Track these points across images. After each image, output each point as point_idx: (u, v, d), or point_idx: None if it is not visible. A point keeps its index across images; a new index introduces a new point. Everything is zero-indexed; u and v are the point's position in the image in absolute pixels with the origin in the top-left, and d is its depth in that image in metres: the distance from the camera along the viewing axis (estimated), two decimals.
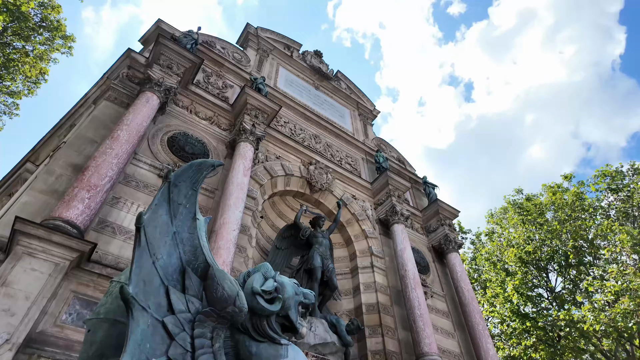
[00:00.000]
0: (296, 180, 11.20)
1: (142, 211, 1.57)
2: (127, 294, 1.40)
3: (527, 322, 14.19)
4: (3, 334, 4.12)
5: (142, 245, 1.54)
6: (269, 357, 1.88)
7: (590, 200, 15.43)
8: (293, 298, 2.14)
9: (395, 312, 9.82)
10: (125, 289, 1.41)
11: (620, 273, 11.12)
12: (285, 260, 9.93)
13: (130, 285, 1.45)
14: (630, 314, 10.34)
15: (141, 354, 1.36)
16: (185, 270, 1.69)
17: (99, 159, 6.63)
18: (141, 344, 1.38)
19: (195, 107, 10.19)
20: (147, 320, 1.45)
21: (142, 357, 1.35)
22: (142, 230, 1.55)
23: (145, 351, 1.37)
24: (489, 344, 10.10)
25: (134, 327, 1.41)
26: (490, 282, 16.82)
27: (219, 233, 7.30)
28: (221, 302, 1.67)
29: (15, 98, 17.07)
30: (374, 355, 8.88)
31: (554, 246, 15.16)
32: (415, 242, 12.67)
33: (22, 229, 4.91)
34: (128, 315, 1.41)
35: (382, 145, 16.42)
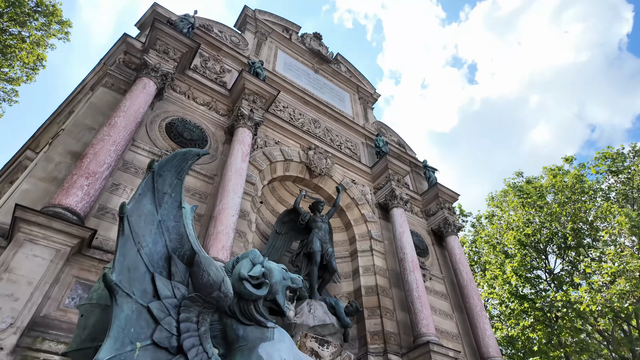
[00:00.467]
0: (295, 166, 11.23)
1: (124, 201, 1.61)
2: (110, 281, 1.46)
3: (525, 303, 14.40)
4: (7, 318, 4.24)
5: (125, 234, 1.59)
6: (255, 339, 1.95)
7: (590, 183, 15.40)
8: (280, 283, 2.19)
9: (393, 294, 9.99)
10: (108, 276, 1.46)
11: (618, 255, 11.21)
12: (285, 244, 10.05)
13: (113, 272, 1.50)
14: (627, 295, 10.48)
15: (125, 338, 1.42)
16: (171, 258, 1.74)
17: (96, 146, 6.67)
18: (125, 329, 1.44)
19: (192, 93, 10.14)
20: (131, 306, 1.50)
21: (125, 341, 1.41)
22: (126, 219, 1.59)
23: (129, 335, 1.43)
24: (486, 325, 10.28)
25: (118, 312, 1.46)
26: (489, 265, 16.99)
27: (218, 218, 7.39)
28: (207, 288, 1.73)
29: (14, 85, 17.01)
30: (373, 335, 9.07)
31: (553, 229, 15.24)
32: (414, 226, 12.76)
33: (23, 216, 4.99)
34: (112, 301, 1.47)
35: (382, 129, 16.34)
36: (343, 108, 15.39)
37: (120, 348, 1.39)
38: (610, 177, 14.73)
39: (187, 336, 1.60)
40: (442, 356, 8.24)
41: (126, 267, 1.54)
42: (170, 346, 1.55)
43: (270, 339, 1.97)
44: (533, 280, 15.43)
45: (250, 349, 1.89)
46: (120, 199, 7.07)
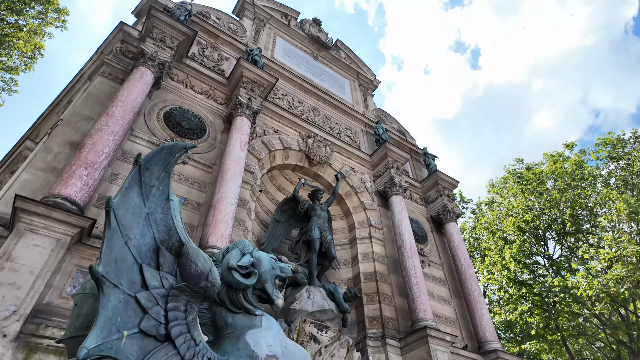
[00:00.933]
0: (295, 154, 11.24)
1: (110, 195, 1.65)
2: (97, 273, 1.51)
3: (524, 288, 14.56)
4: (10, 306, 4.35)
5: (112, 227, 1.63)
6: (244, 326, 2.02)
7: (590, 169, 15.36)
8: (270, 272, 2.25)
9: (392, 280, 10.11)
10: (94, 268, 1.51)
11: (615, 241, 11.28)
12: (285, 232, 10.14)
13: (100, 265, 1.55)
14: (623, 280, 10.58)
15: (112, 326, 1.48)
16: (159, 249, 1.79)
17: (95, 136, 6.70)
18: (112, 318, 1.50)
19: (190, 81, 10.11)
20: (118, 296, 1.56)
21: (112, 330, 1.47)
22: (112, 213, 1.64)
23: (116, 324, 1.49)
24: (483, 310, 10.43)
25: (105, 302, 1.52)
26: (488, 251, 17.11)
27: (217, 207, 7.46)
28: (194, 278, 1.78)
29: (13, 74, 16.95)
30: (371, 321, 9.23)
31: (552, 215, 15.28)
32: (413, 213, 12.82)
33: (23, 206, 5.06)
34: (99, 292, 1.52)
35: (382, 116, 16.27)
36: (343, 95, 15.30)
37: (107, 336, 1.45)
38: (610, 163, 14.68)
39: (175, 324, 1.67)
40: (439, 340, 8.39)
41: (113, 259, 1.60)
42: (158, 334, 1.61)
43: (258, 326, 2.04)
44: (531, 266, 15.57)
45: (238, 336, 1.96)
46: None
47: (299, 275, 8.78)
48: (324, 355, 7.41)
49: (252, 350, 1.87)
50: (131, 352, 1.48)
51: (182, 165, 8.34)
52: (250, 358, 1.84)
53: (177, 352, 1.62)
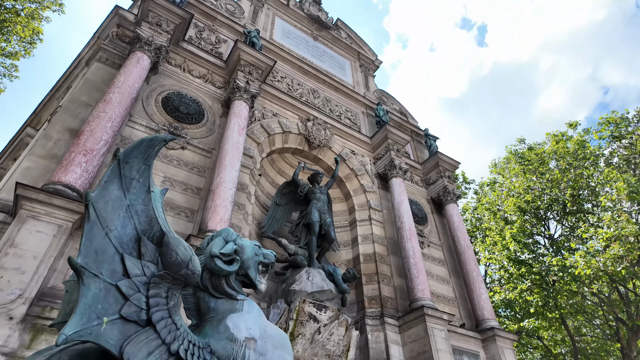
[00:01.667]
0: (294, 137, 11.25)
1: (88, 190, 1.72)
2: (76, 264, 1.60)
3: (523, 268, 14.71)
4: (16, 290, 4.53)
5: (91, 219, 1.71)
6: (225, 311, 2.12)
7: (593, 149, 15.20)
8: (253, 259, 2.34)
9: (391, 261, 10.27)
10: (72, 260, 1.60)
11: (614, 220, 11.29)
12: (285, 215, 10.27)
13: (79, 256, 1.64)
14: (620, 259, 10.65)
15: (92, 314, 1.57)
16: (140, 239, 1.87)
17: (93, 123, 6.76)
18: (92, 306, 1.59)
19: (188, 65, 10.06)
20: (99, 285, 1.65)
21: (92, 317, 1.56)
22: (91, 206, 1.71)
23: (96, 311, 1.59)
24: (481, 289, 10.60)
25: (85, 291, 1.61)
26: (489, 231, 17.21)
27: (216, 192, 7.55)
28: (175, 266, 1.87)
29: (13, 59, 16.93)
30: (370, 300, 9.45)
31: (553, 195, 15.27)
32: (414, 195, 12.88)
33: (24, 194, 5.18)
34: (79, 282, 1.61)
35: (383, 97, 16.12)
36: (343, 77, 15.14)
37: (86, 323, 1.54)
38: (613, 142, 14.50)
39: (156, 310, 1.76)
40: (436, 319, 8.58)
41: (93, 250, 1.68)
42: (139, 319, 1.71)
43: (239, 310, 2.14)
44: (531, 245, 15.67)
45: (219, 320, 2.07)
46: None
47: (299, 257, 8.94)
48: (322, 333, 7.64)
49: (231, 333, 1.98)
50: (111, 337, 1.58)
51: (181, 151, 8.42)
52: (230, 340, 1.95)
53: (158, 335, 1.72)
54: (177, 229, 7.24)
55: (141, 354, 1.61)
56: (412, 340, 8.58)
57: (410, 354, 8.46)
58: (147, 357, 1.62)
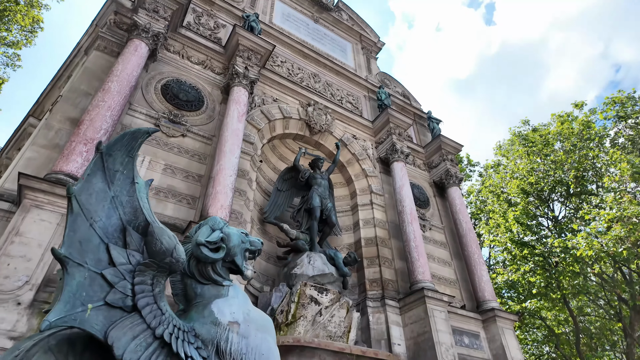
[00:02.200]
0: (295, 123, 11.24)
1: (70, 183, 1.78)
2: (59, 254, 1.68)
3: (525, 249, 14.76)
4: (22, 276, 4.70)
5: (75, 211, 1.78)
6: (211, 296, 2.21)
7: (598, 129, 14.96)
8: (239, 246, 2.41)
9: (392, 244, 10.37)
10: (55, 250, 1.67)
11: (617, 201, 11.21)
12: (287, 200, 10.37)
13: (62, 247, 1.71)
14: (622, 240, 10.63)
15: (76, 301, 1.66)
16: (126, 229, 1.94)
17: (92, 113, 6.82)
18: (77, 293, 1.67)
19: (187, 52, 10.02)
20: (83, 274, 1.73)
21: (77, 304, 1.65)
22: (74, 198, 1.78)
23: (80, 299, 1.67)
24: (483, 271, 10.69)
25: (69, 280, 1.69)
26: (493, 213, 17.21)
27: (216, 179, 7.63)
28: (160, 255, 1.94)
29: (15, 49, 16.98)
30: (372, 283, 9.60)
31: (556, 177, 15.16)
32: (416, 179, 12.87)
33: (26, 183, 5.31)
34: (63, 272, 1.69)
35: (386, 80, 15.92)
36: (344, 60, 14.95)
37: (71, 310, 1.63)
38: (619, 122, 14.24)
39: (141, 296, 1.84)
40: (436, 300, 8.71)
41: (77, 241, 1.75)
42: (124, 305, 1.80)
43: (224, 295, 2.23)
44: (534, 227, 15.67)
45: (205, 305, 2.16)
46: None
47: (300, 242, 9.07)
48: (324, 315, 7.81)
49: (215, 318, 2.07)
50: (96, 322, 1.67)
51: (182, 138, 8.48)
52: (214, 324, 2.04)
53: (143, 320, 1.81)
54: (179, 215, 7.37)
55: (125, 338, 1.70)
56: (412, 321, 8.74)
57: (411, 335, 8.63)
58: (131, 341, 1.71)
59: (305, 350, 6.55)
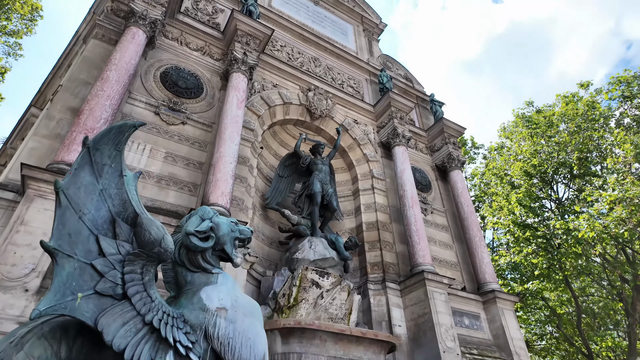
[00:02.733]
0: (295, 109, 11.21)
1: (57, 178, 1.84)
2: (48, 246, 1.75)
3: (528, 231, 14.80)
4: (29, 264, 4.85)
5: (63, 205, 1.85)
6: (201, 284, 2.30)
7: (602, 110, 14.70)
8: (228, 235, 2.49)
9: (394, 228, 10.46)
10: (44, 243, 1.74)
11: (619, 182, 11.12)
12: (288, 186, 10.44)
13: (51, 239, 1.79)
14: (624, 221, 10.60)
15: (66, 290, 1.74)
16: (115, 220, 2.02)
17: (91, 102, 6.87)
18: (67, 283, 1.75)
19: (185, 38, 9.96)
20: (73, 265, 1.81)
21: (67, 293, 1.73)
22: (61, 192, 1.84)
23: (70, 288, 1.75)
24: (484, 253, 10.78)
25: (59, 271, 1.77)
26: (496, 196, 17.19)
27: (216, 166, 7.70)
28: (149, 245, 2.01)
29: (16, 38, 16.96)
30: (373, 266, 9.73)
31: (560, 158, 15.04)
32: (418, 162, 12.85)
33: (29, 174, 5.41)
34: (53, 264, 1.77)
35: (388, 62, 15.73)
36: (346, 43, 14.75)
37: (61, 299, 1.71)
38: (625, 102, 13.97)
39: (131, 285, 1.93)
40: (436, 283, 8.84)
41: (66, 233, 1.83)
42: (115, 294, 1.88)
43: (214, 282, 2.32)
44: (537, 210, 15.65)
45: (194, 292, 2.25)
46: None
47: (302, 227, 9.18)
48: (325, 298, 7.96)
49: (204, 304, 2.16)
50: (87, 310, 1.76)
51: (182, 126, 8.52)
52: (202, 310, 2.13)
53: (133, 307, 1.89)
54: (181, 203, 7.48)
55: (115, 324, 1.79)
56: (413, 303, 8.90)
57: (411, 316, 8.80)
58: (121, 327, 1.80)
59: (306, 332, 6.70)
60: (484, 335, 9.53)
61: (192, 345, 1.95)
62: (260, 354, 2.14)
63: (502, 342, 9.31)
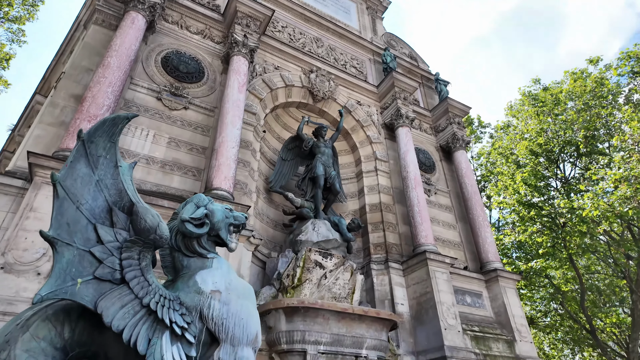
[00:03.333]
0: (297, 91, 11.16)
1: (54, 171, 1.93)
2: (48, 236, 1.86)
3: (532, 211, 14.78)
4: (40, 249, 5.05)
5: (60, 197, 1.94)
6: (196, 268, 2.42)
7: (611, 86, 14.34)
8: (223, 221, 2.59)
9: (397, 209, 10.54)
10: (44, 233, 1.85)
11: (624, 161, 10.97)
12: (291, 169, 10.51)
13: (50, 229, 1.90)
14: (629, 200, 10.53)
15: (66, 276, 1.86)
16: (112, 209, 2.12)
17: (94, 89, 6.93)
18: (66, 269, 1.87)
19: (185, 22, 9.88)
20: (72, 252, 1.92)
21: (67, 279, 1.85)
22: (58, 184, 1.94)
23: (70, 274, 1.87)
24: (487, 233, 10.84)
25: (59, 258, 1.89)
26: (501, 175, 17.11)
27: (219, 151, 7.78)
28: (145, 232, 2.12)
29: (19, 24, 16.94)
30: (376, 247, 9.88)
31: (566, 137, 14.84)
32: (422, 143, 12.80)
33: (36, 161, 5.56)
34: (53, 253, 1.88)
35: (392, 41, 15.45)
36: (348, 22, 14.49)
37: (61, 284, 1.83)
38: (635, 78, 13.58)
39: (129, 270, 2.04)
40: (438, 262, 8.97)
41: (65, 223, 1.93)
42: (113, 279, 2.00)
43: (209, 267, 2.43)
44: (542, 189, 15.57)
45: (190, 276, 2.37)
46: (127, 138, 7.52)
47: (305, 210, 9.31)
48: (329, 278, 8.16)
49: (199, 287, 2.28)
50: (87, 294, 1.88)
51: (184, 111, 8.57)
52: (197, 293, 2.25)
53: (131, 291, 2.01)
54: (185, 187, 7.61)
55: (114, 307, 1.92)
56: (415, 282, 9.06)
57: (414, 295, 8.98)
58: (120, 309, 1.93)
59: (310, 311, 6.91)
60: (486, 312, 9.70)
61: (187, 325, 2.07)
62: (252, 333, 2.27)
63: (503, 319, 9.49)
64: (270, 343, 6.91)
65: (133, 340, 1.88)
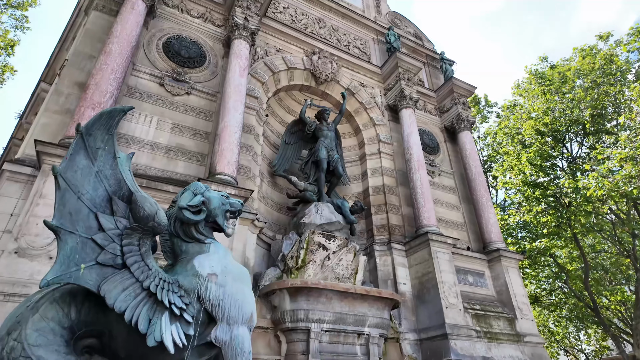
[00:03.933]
0: (300, 74, 11.10)
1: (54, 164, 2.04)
2: (52, 225, 1.99)
3: (537, 191, 14.73)
4: (51, 234, 5.23)
5: (62, 188, 2.06)
6: (194, 253, 2.55)
7: (621, 63, 13.96)
8: (219, 208, 2.70)
9: (400, 192, 10.61)
10: (47, 222, 1.98)
11: (630, 140, 10.82)
12: (295, 153, 10.59)
13: (54, 219, 2.02)
14: (634, 179, 10.43)
15: (70, 262, 1.99)
16: (112, 199, 2.23)
17: (96, 77, 7.00)
18: (70, 256, 2.00)
19: (185, 5, 9.81)
20: (75, 240, 2.05)
21: (71, 265, 1.98)
22: (59, 176, 2.05)
23: (74, 260, 2.00)
24: (490, 214, 10.89)
25: (63, 245, 2.02)
26: (507, 155, 16.99)
27: (222, 136, 7.86)
28: (143, 220, 2.24)
29: (22, 10, 16.92)
30: (379, 228, 10.01)
31: (573, 116, 14.60)
32: (427, 125, 12.73)
33: (43, 149, 5.71)
34: (57, 241, 2.01)
35: (396, 20, 15.15)
36: (351, 0, 14.21)
37: (66, 269, 1.97)
38: None
39: (129, 255, 2.17)
40: (440, 243, 9.09)
41: (67, 213, 2.05)
42: (115, 264, 2.13)
43: (206, 252, 2.56)
44: (547, 169, 15.46)
45: (188, 260, 2.50)
46: (131, 125, 7.63)
47: (308, 193, 9.42)
48: (332, 259, 8.34)
49: (196, 271, 2.41)
50: (90, 279, 2.02)
51: (187, 96, 8.62)
52: (195, 276, 2.38)
53: (132, 275, 2.15)
54: (190, 172, 7.75)
55: (116, 290, 2.06)
56: (417, 262, 9.22)
57: (416, 275, 9.15)
58: (121, 292, 2.07)
59: (313, 291, 7.12)
60: (488, 291, 9.86)
61: (185, 306, 2.22)
62: (247, 313, 2.41)
63: (505, 298, 9.64)
64: (275, 322, 7.17)
65: (134, 320, 2.02)
